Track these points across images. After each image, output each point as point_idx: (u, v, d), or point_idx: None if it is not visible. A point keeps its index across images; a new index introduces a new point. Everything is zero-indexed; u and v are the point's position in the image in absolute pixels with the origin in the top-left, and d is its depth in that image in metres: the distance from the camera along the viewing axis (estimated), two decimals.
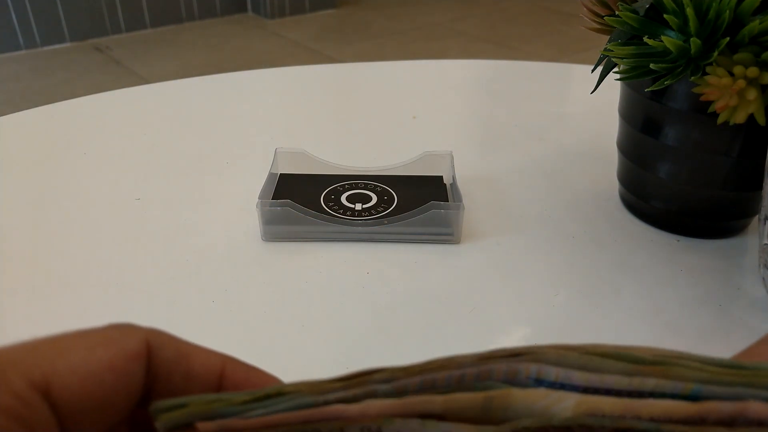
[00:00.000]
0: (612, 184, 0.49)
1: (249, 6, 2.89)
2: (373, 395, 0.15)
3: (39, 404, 0.15)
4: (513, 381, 0.15)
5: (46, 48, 2.42)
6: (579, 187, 0.51)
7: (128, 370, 0.16)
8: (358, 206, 0.45)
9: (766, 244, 0.38)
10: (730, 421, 0.15)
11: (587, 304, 0.38)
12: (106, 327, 0.17)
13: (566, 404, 0.15)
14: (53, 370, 0.15)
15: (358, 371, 0.16)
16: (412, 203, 0.44)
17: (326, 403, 0.15)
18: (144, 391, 0.17)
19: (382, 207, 0.45)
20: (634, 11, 0.37)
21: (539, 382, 0.15)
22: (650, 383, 0.15)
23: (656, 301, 0.38)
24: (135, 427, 0.18)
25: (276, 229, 0.43)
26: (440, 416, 0.15)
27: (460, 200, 0.43)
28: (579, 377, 0.15)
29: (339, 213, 0.44)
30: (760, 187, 0.40)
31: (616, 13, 0.38)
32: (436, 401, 0.15)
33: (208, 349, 0.18)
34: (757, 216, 0.43)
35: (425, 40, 2.56)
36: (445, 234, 0.43)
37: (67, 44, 2.46)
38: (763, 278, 0.39)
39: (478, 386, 0.15)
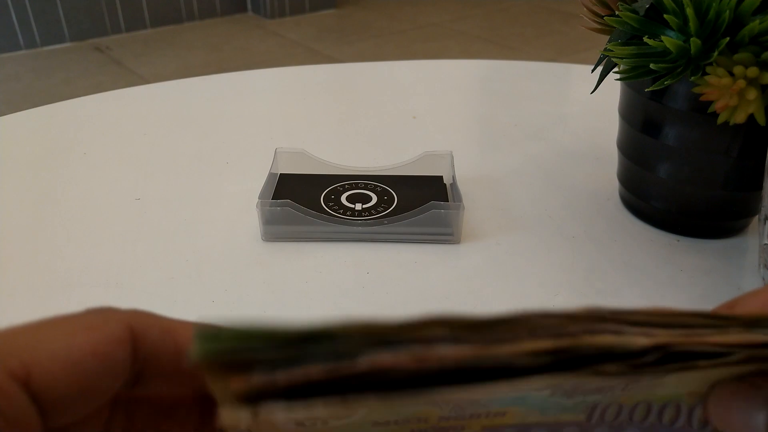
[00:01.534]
0: (612, 184, 0.49)
1: (249, 6, 2.89)
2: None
3: (19, 396, 0.14)
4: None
5: (46, 48, 2.42)
6: (579, 187, 0.51)
7: (112, 355, 0.16)
8: (358, 206, 0.45)
9: (766, 244, 0.38)
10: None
11: (587, 304, 0.38)
12: (85, 312, 0.17)
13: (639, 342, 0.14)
14: (33, 359, 0.15)
15: (419, 318, 0.13)
16: (412, 203, 0.44)
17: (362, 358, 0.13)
18: (131, 374, 0.17)
19: (382, 207, 0.45)
20: (634, 11, 0.37)
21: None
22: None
23: (656, 301, 0.38)
24: (117, 406, 0.18)
25: (276, 229, 0.43)
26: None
27: (460, 200, 0.43)
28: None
29: (339, 213, 0.44)
30: (760, 187, 0.40)
31: (616, 13, 0.38)
32: (501, 350, 0.13)
33: (192, 321, 0.18)
34: (757, 216, 0.43)
35: (425, 40, 2.56)
36: (445, 234, 0.43)
37: (67, 44, 2.46)
38: (763, 278, 0.39)
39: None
